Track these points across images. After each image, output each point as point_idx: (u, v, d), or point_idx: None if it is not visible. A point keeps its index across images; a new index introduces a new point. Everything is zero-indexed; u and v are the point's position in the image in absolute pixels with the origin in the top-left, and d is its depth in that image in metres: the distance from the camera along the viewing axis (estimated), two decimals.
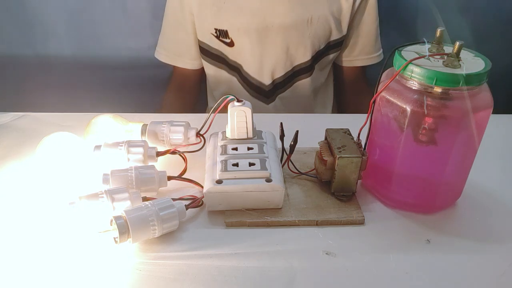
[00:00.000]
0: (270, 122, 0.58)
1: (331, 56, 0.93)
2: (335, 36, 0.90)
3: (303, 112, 0.96)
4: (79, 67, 1.13)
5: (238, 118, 0.52)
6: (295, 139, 0.51)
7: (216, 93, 0.97)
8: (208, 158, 0.52)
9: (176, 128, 0.57)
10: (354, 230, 0.47)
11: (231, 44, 0.87)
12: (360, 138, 0.50)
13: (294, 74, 0.91)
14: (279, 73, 0.90)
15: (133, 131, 0.59)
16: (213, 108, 0.54)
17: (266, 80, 0.90)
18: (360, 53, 0.95)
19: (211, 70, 0.94)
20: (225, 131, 0.55)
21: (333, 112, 1.03)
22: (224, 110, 0.53)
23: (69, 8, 1.06)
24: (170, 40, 0.95)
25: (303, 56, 0.88)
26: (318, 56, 0.90)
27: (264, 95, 0.92)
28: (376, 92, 0.46)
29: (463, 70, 0.41)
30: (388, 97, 0.45)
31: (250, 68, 0.89)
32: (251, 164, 0.48)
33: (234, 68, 0.91)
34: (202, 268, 0.42)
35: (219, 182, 0.47)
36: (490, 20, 1.06)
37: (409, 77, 0.43)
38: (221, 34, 0.87)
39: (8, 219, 0.47)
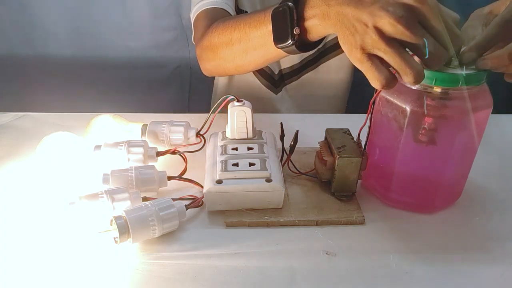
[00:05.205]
0: (270, 122, 0.58)
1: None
2: None
3: (311, 106, 0.95)
4: (79, 67, 1.13)
5: (238, 118, 0.52)
6: (295, 139, 0.51)
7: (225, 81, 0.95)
8: (208, 158, 0.52)
9: (176, 128, 0.57)
10: (354, 230, 0.47)
11: None
12: (360, 138, 0.50)
13: (302, 67, 0.90)
14: (288, 63, 0.89)
15: (133, 131, 0.59)
16: (213, 108, 0.54)
17: (276, 68, 0.89)
18: None
19: None
20: (225, 131, 0.55)
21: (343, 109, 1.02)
22: (224, 110, 0.53)
23: (69, 8, 1.06)
24: None
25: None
26: (325, 51, 0.89)
27: (273, 83, 0.91)
28: (375, 92, 0.46)
29: (463, 70, 0.41)
30: (388, 97, 0.45)
31: None
32: (251, 164, 0.48)
33: None
34: (202, 268, 0.42)
35: (219, 182, 0.47)
36: None
37: None
38: None
39: (8, 219, 0.47)
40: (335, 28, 0.44)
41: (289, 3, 0.47)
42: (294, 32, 0.48)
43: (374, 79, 0.40)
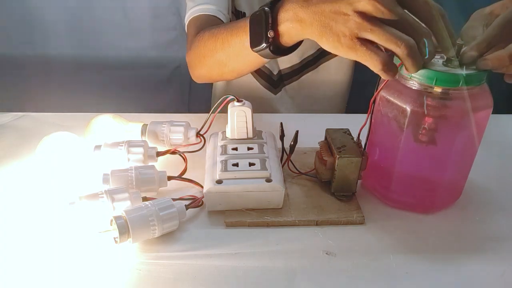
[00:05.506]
0: (270, 122, 0.58)
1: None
2: None
3: (311, 106, 0.95)
4: (79, 67, 1.13)
5: (238, 118, 0.52)
6: (295, 139, 0.51)
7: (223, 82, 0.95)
8: (208, 158, 0.52)
9: (176, 128, 0.57)
10: (354, 230, 0.47)
11: None
12: (360, 138, 0.50)
13: (302, 68, 0.90)
14: (288, 63, 0.89)
15: (133, 131, 0.59)
16: (213, 108, 0.54)
17: (275, 69, 0.89)
18: None
19: None
20: (225, 131, 0.55)
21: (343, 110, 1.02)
22: (224, 110, 0.53)
23: (69, 8, 1.06)
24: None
25: (310, 48, 0.87)
26: (325, 50, 0.89)
27: (272, 84, 0.91)
28: (376, 91, 0.46)
29: (463, 70, 0.41)
30: (388, 97, 0.45)
31: None
32: (251, 164, 0.48)
33: None
34: (202, 268, 0.42)
35: (219, 182, 0.47)
36: None
37: (409, 77, 0.43)
38: (239, 16, 0.85)
39: (8, 219, 0.47)
40: (311, 29, 0.44)
41: (266, 8, 0.48)
42: (268, 35, 0.48)
43: (373, 61, 0.40)
